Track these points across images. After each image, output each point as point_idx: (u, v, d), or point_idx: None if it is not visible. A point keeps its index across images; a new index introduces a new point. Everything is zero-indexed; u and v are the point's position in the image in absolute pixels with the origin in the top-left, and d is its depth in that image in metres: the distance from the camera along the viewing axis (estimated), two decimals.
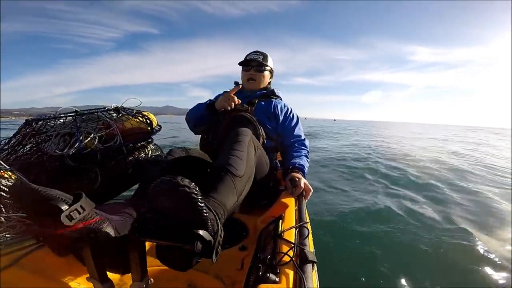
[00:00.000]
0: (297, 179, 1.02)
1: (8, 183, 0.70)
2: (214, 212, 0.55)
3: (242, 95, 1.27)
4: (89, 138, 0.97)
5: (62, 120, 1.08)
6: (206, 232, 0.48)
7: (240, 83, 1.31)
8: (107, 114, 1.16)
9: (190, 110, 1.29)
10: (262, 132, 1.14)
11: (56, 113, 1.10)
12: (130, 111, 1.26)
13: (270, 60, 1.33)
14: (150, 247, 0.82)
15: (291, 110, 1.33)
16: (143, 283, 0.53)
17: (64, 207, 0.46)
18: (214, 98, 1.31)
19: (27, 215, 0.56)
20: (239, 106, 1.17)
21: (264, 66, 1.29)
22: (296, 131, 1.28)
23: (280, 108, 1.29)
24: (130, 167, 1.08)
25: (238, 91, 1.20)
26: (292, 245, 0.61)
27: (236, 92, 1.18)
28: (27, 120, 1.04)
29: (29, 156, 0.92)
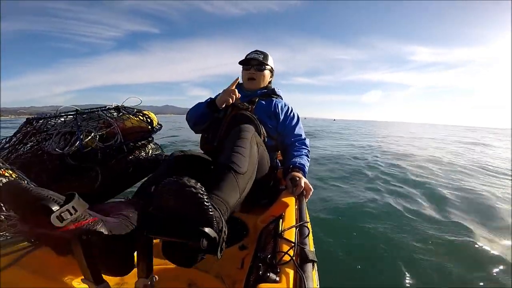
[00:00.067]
0: (297, 178, 1.02)
1: None
2: (218, 210, 0.56)
3: (242, 94, 1.27)
4: (89, 137, 0.97)
5: (62, 119, 1.08)
6: (211, 229, 0.49)
7: (240, 80, 1.31)
8: (108, 113, 1.16)
9: (190, 109, 1.29)
10: (263, 130, 1.13)
11: (57, 112, 1.10)
12: (131, 110, 1.26)
13: (271, 59, 1.33)
14: None
15: (292, 109, 1.33)
16: (148, 280, 0.54)
17: (55, 208, 0.45)
18: (214, 97, 1.31)
19: (18, 214, 0.55)
20: (239, 104, 1.17)
21: (264, 65, 1.29)
22: (297, 130, 1.28)
23: (281, 107, 1.29)
24: (130, 166, 1.08)
25: (239, 91, 1.20)
26: (293, 244, 0.61)
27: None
28: (28, 119, 1.04)
29: (30, 154, 0.92)
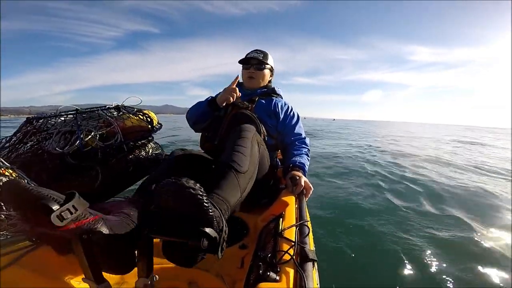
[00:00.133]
0: (297, 178, 1.02)
1: None
2: (219, 209, 0.56)
3: (242, 93, 1.27)
4: (89, 136, 0.97)
5: (62, 118, 1.08)
6: (211, 229, 0.49)
7: (240, 79, 1.31)
8: (108, 112, 1.16)
9: (190, 108, 1.29)
10: (263, 129, 1.13)
11: (57, 111, 1.10)
12: (131, 109, 1.26)
13: (270, 58, 1.33)
14: None
15: (292, 109, 1.33)
16: (148, 280, 0.54)
17: (55, 207, 0.45)
18: (214, 96, 1.30)
19: (18, 214, 0.55)
20: (240, 103, 1.17)
21: (264, 64, 1.29)
22: (297, 129, 1.28)
23: (281, 106, 1.29)
24: (130, 165, 1.08)
25: (239, 90, 1.20)
26: (293, 243, 0.61)
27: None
28: (28, 118, 1.04)
29: (30, 154, 0.92)
